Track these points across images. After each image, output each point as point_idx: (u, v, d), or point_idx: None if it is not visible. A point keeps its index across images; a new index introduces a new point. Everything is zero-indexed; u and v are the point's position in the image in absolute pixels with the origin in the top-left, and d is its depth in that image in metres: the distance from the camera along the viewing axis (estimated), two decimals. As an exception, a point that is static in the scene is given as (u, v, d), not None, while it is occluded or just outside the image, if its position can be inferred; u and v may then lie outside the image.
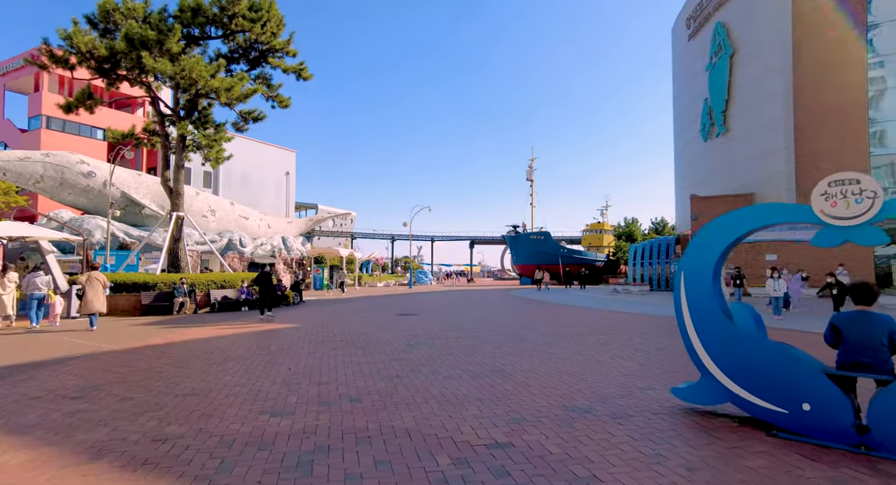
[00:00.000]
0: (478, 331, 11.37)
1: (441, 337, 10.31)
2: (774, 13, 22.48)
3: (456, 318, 14.70)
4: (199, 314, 16.37)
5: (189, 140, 21.04)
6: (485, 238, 75.55)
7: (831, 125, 21.34)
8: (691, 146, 30.45)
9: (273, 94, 21.76)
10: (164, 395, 5.69)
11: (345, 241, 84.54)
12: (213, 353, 8.64)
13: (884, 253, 20.99)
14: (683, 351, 8.73)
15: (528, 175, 60.91)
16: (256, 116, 20.96)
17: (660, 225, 58.93)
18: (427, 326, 12.48)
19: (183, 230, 20.53)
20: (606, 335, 10.56)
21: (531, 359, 7.80)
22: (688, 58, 30.99)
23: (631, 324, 13.00)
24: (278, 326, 12.63)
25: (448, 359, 7.82)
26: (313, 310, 17.91)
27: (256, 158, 43.98)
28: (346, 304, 21.17)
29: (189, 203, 26.74)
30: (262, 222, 35.06)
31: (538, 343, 9.44)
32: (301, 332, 11.49)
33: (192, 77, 16.59)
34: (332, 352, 8.61)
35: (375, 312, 16.93)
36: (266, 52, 21.58)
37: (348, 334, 10.88)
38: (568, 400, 5.33)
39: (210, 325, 13.12)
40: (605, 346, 9.10)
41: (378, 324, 12.96)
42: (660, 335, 10.64)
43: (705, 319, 4.59)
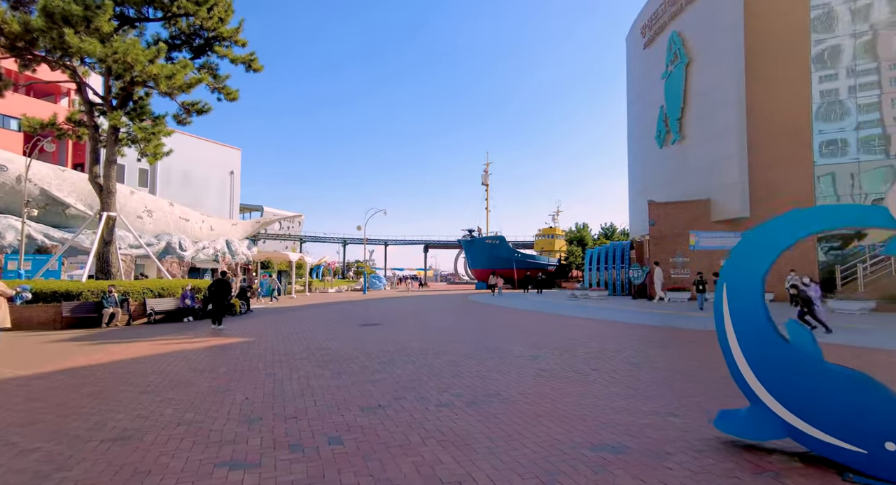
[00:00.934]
0: (452, 344, 10.51)
1: (416, 352, 9.37)
2: (728, 23, 23.15)
3: (423, 328, 13.77)
4: (133, 327, 14.56)
5: (123, 133, 19.01)
6: (439, 242, 74.90)
7: (781, 135, 22.14)
8: (647, 152, 31.04)
9: (219, 86, 20.09)
10: (83, 442, 4.45)
11: (292, 244, 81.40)
12: (150, 377, 7.31)
13: (824, 260, 21.90)
14: (680, 364, 8.29)
15: (483, 179, 60.85)
16: (201, 109, 19.22)
17: (609, 230, 60.37)
18: (395, 338, 11.49)
19: (115, 232, 18.45)
20: (589, 347, 9.97)
21: (523, 378, 7.03)
22: (643, 66, 31.64)
23: (606, 332, 12.56)
24: (227, 341, 11.24)
25: (433, 381, 6.90)
26: (264, 320, 16.44)
27: (198, 155, 41.24)
28: (300, 313, 19.74)
29: (122, 203, 24.33)
30: (205, 224, 32.66)
31: (523, 357, 8.69)
32: (255, 347, 10.20)
33: (127, 61, 14.81)
34: (294, 373, 7.49)
35: (334, 322, 15.71)
36: (212, 40, 19.91)
37: (310, 350, 9.72)
38: (591, 435, 4.56)
39: (146, 339, 11.53)
40: (594, 359, 8.48)
41: (341, 337, 11.83)
42: (643, 345, 10.19)
43: (755, 341, 3.95)
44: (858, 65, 20.97)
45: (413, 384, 6.68)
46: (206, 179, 41.48)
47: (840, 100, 21.09)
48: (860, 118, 20.87)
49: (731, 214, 22.68)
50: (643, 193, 31.84)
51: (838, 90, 21.31)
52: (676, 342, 10.68)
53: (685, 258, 24.17)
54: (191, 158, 39.25)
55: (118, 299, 14.80)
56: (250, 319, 17.08)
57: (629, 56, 35.06)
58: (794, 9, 21.96)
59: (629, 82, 35.34)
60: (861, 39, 20.95)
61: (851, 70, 21.05)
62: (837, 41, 21.15)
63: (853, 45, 21.13)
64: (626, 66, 36.09)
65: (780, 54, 22.21)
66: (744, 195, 22.29)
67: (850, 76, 21.13)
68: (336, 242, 76.32)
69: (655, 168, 29.40)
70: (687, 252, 24.09)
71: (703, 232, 23.88)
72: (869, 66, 20.71)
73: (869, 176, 20.72)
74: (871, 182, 20.61)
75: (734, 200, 22.55)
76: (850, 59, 21.15)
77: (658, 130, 28.55)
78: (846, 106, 21.18)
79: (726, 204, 22.97)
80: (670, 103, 26.88)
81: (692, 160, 25.35)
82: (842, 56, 21.29)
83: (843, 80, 21.33)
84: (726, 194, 22.95)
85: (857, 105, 20.97)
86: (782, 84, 22.05)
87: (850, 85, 21.16)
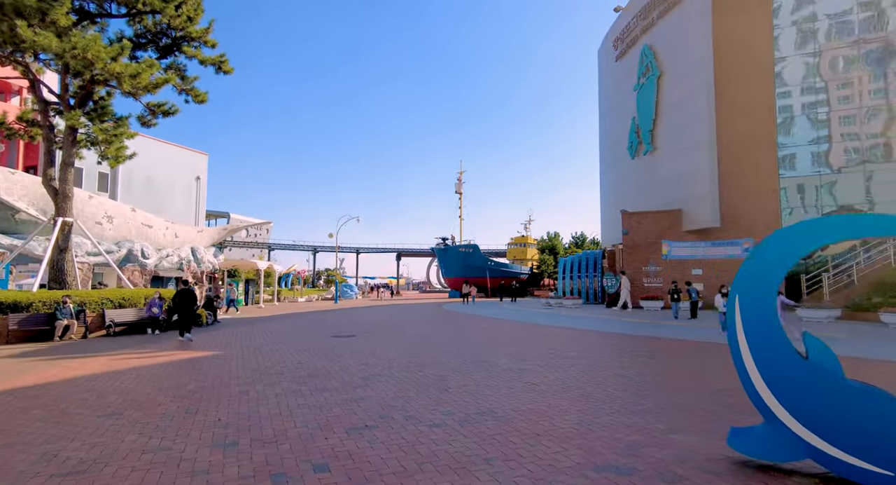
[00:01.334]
0: (435, 356, 10.15)
1: (397, 366, 8.98)
2: (697, 37, 23.78)
3: (401, 339, 13.36)
4: (90, 340, 13.62)
5: (81, 134, 17.99)
6: (412, 250, 74.36)
7: (747, 147, 22.79)
8: (619, 163, 31.53)
9: (187, 88, 19.26)
10: (27, 478, 3.91)
11: (259, 252, 79.39)
12: (109, 397, 6.70)
13: (793, 270, 22.56)
14: (668, 377, 8.15)
15: (456, 188, 60.82)
16: (167, 110, 18.37)
17: (580, 239, 61.22)
18: (373, 350, 11.06)
19: (71, 239, 17.36)
20: (573, 358, 9.79)
21: (514, 393, 6.75)
22: (615, 78, 32.24)
23: (587, 343, 12.44)
24: (194, 355, 10.58)
25: (420, 397, 6.54)
26: (232, 332, 15.69)
27: (163, 159, 39.73)
28: (270, 323, 19.00)
29: (80, 208, 23.04)
30: (169, 231, 31.33)
31: (511, 370, 8.42)
32: (224, 361, 9.60)
33: (87, 57, 13.98)
34: (269, 390, 7.00)
35: (306, 333, 15.12)
36: (180, 40, 19.14)
37: (284, 364, 9.20)
38: (594, 455, 4.31)
39: (105, 354, 10.74)
40: (583, 372, 8.28)
41: (315, 349, 11.31)
42: (628, 357, 10.08)
43: (771, 356, 3.78)
44: (817, 83, 21.85)
45: (400, 402, 6.30)
46: (170, 185, 39.94)
47: (796, 115, 21.94)
48: (819, 133, 21.72)
49: (702, 224, 23.17)
50: (615, 203, 32.30)
51: (792, 106, 22.19)
52: (659, 353, 10.62)
53: (658, 267, 24.52)
54: (155, 163, 37.75)
55: (73, 310, 13.85)
56: (218, 330, 16.29)
57: (601, 69, 35.73)
58: (758, 27, 22.77)
59: (601, 94, 35.98)
60: (814, 59, 21.86)
61: (811, 87, 21.92)
62: (797, 59, 22.03)
63: (808, 63, 22.02)
64: (598, 79, 36.77)
65: (746, 70, 22.95)
66: (714, 206, 22.80)
67: (809, 93, 21.99)
68: (306, 249, 74.86)
69: (628, 178, 29.88)
70: (659, 261, 24.45)
71: (675, 242, 24.30)
72: (832, 82, 21.61)
73: (828, 188, 21.54)
74: (839, 193, 21.41)
75: (705, 210, 23.05)
76: (803, 76, 22.04)
77: (630, 141, 29.06)
78: (804, 121, 22.02)
79: (697, 214, 23.46)
80: (642, 115, 27.42)
81: (663, 171, 25.85)
82: (798, 74, 22.17)
83: (800, 97, 22.20)
84: (697, 205, 23.44)
85: (814, 120, 21.83)
86: (748, 98, 22.77)
87: (808, 101, 22.04)
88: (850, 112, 21.18)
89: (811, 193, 21.91)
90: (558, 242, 60.72)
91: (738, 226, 23.00)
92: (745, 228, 22.90)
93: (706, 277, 23.08)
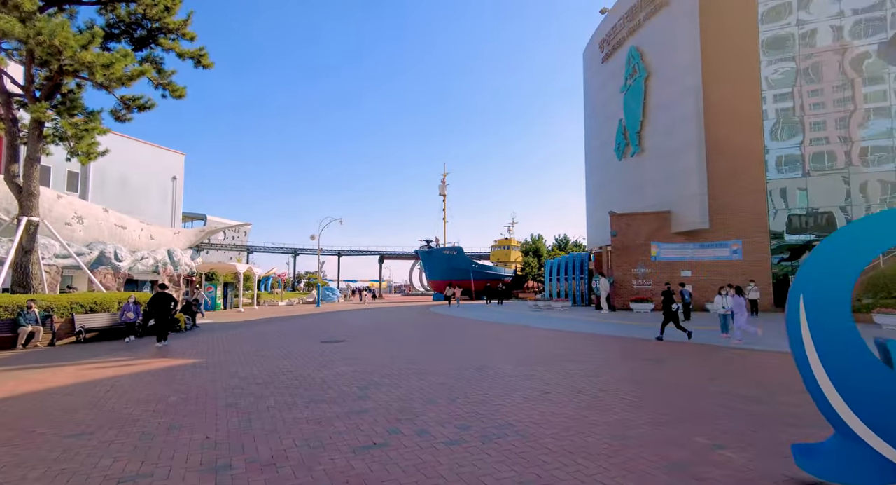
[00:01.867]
0: (433, 362, 9.61)
1: (395, 373, 8.41)
2: (685, 39, 23.80)
3: (394, 344, 12.78)
4: (58, 348, 12.68)
5: (49, 128, 16.97)
6: (395, 253, 73.51)
7: (734, 150, 22.85)
8: (605, 165, 31.44)
9: (164, 82, 18.36)
10: (-13, 518, 3.26)
11: (237, 255, 77.53)
12: (79, 412, 5.99)
13: (776, 271, 22.65)
14: (683, 381, 7.73)
15: (440, 190, 60.27)
16: (143, 104, 17.46)
17: (563, 241, 61.25)
18: (367, 356, 10.46)
19: (37, 240, 16.31)
20: (579, 363, 9.37)
21: (529, 402, 6.26)
22: (601, 79, 32.19)
23: (587, 346, 12.06)
24: (174, 363, 9.82)
25: (429, 409, 6.00)
26: (213, 337, 14.87)
27: (137, 159, 38.32)
28: (252, 328, 18.19)
29: (48, 207, 21.85)
30: (144, 233, 30.09)
31: (517, 377, 7.94)
32: (208, 370, 8.89)
33: (54, 45, 13.07)
34: (261, 403, 6.37)
35: (293, 338, 14.41)
36: (156, 32, 18.26)
37: (273, 373, 8.54)
38: (645, 478, 3.83)
39: (75, 363, 9.90)
40: (594, 378, 7.85)
41: (304, 356, 10.65)
42: (634, 361, 9.70)
43: (846, 364, 3.36)
44: (804, 85, 22.05)
45: (407, 414, 5.75)
46: (145, 185, 38.50)
47: (789, 117, 22.12)
48: (809, 135, 21.90)
49: (691, 225, 23.13)
50: (602, 205, 32.22)
51: (777, 108, 22.37)
52: (665, 357, 10.27)
53: (647, 269, 24.40)
54: (129, 162, 36.36)
55: (39, 316, 12.88)
56: (197, 335, 15.44)
57: (587, 71, 35.70)
58: (745, 28, 22.91)
59: (587, 96, 35.94)
60: (806, 61, 22.07)
61: (798, 91, 22.11)
62: (787, 62, 22.22)
63: (800, 65, 22.22)
64: (583, 81, 36.73)
65: (732, 71, 23.04)
66: (703, 207, 22.77)
67: (798, 96, 22.18)
68: (286, 252, 73.36)
69: (614, 180, 29.79)
70: (649, 263, 24.34)
71: (665, 243, 24.18)
72: (816, 87, 21.81)
73: (811, 190, 21.72)
74: (818, 195, 21.60)
75: (694, 211, 23.01)
76: (794, 81, 22.23)
77: (617, 142, 28.98)
78: (794, 123, 22.19)
79: (686, 215, 23.41)
80: (629, 116, 27.36)
81: (651, 172, 25.79)
82: (790, 76, 22.35)
83: (784, 100, 22.38)
84: (686, 206, 23.39)
85: (805, 123, 22.01)
86: (735, 100, 22.86)
87: (790, 104, 22.23)
88: (837, 115, 21.40)
89: (795, 195, 22.06)
90: (542, 244, 60.61)
91: (726, 227, 23.02)
92: (734, 230, 22.94)
93: (695, 279, 23.02)
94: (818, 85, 21.89)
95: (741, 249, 22.82)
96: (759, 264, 22.37)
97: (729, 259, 23.08)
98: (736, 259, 22.91)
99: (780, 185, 22.57)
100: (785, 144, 22.20)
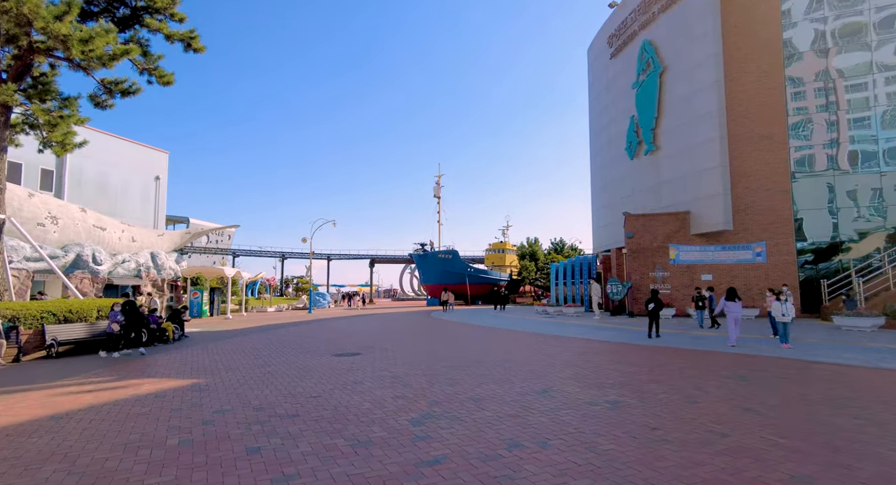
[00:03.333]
0: (478, 382, 8.10)
1: (444, 399, 6.88)
2: (705, 31, 22.75)
3: (418, 358, 11.21)
4: (24, 364, 10.85)
5: (18, 115, 15.12)
6: (386, 256, 71.64)
7: (758, 146, 21.81)
8: (614, 164, 30.25)
9: (150, 67, 16.63)
10: None
11: (222, 259, 74.93)
12: (44, 468, 4.35)
13: (803, 275, 21.59)
14: (806, 412, 5.51)
15: (435, 192, 58.66)
16: (127, 89, 15.69)
17: (559, 245, 60.18)
18: (395, 373, 8.90)
19: (3, 240, 14.42)
20: (659, 383, 7.95)
21: (645, 446, 4.79)
22: (608, 76, 31.05)
23: (644, 360, 10.63)
24: (168, 384, 8.14)
25: (523, 458, 4.48)
26: (208, 349, 13.12)
27: (118, 157, 36.12)
28: (247, 338, 16.43)
29: (18, 206, 19.87)
30: (125, 235, 28.06)
31: (597, 404, 6.47)
32: (211, 394, 7.25)
33: (23, 14, 11.33)
34: (292, 446, 4.80)
35: (298, 351, 12.75)
36: (141, 11, 16.58)
37: (294, 398, 6.95)
38: None
39: (43, 385, 8.16)
40: (690, 403, 6.41)
41: (323, 374, 9.05)
42: (720, 379, 8.30)
43: None
44: (828, 81, 21.12)
45: (497, 467, 4.23)
46: (126, 184, 36.27)
47: (811, 114, 21.16)
48: (830, 134, 20.96)
49: (713, 226, 21.97)
50: (610, 206, 31.05)
51: (805, 104, 21.41)
52: (745, 372, 8.89)
53: (665, 273, 23.17)
54: (109, 160, 34.19)
55: (3, 327, 11.05)
56: (188, 347, 13.68)
57: (592, 68, 34.59)
58: (769, 18, 21.94)
59: (592, 95, 34.80)
60: (827, 57, 21.15)
61: (822, 86, 21.17)
62: (809, 56, 21.28)
63: (823, 60, 21.29)
64: (588, 79, 35.63)
65: (755, 64, 22.03)
66: (726, 207, 21.64)
67: (821, 92, 21.24)
68: (273, 256, 71.04)
69: (625, 180, 28.61)
70: (667, 266, 23.14)
71: (684, 245, 23.04)
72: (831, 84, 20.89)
73: (840, 189, 20.75)
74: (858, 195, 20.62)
75: (716, 212, 21.84)
76: (816, 73, 21.29)
77: (629, 140, 27.81)
78: (817, 120, 21.23)
79: (707, 216, 22.24)
80: (643, 113, 26.21)
81: (667, 171, 24.64)
82: (812, 71, 21.40)
83: (813, 96, 21.41)
84: (707, 206, 22.23)
85: (826, 120, 21.06)
86: (757, 94, 21.84)
87: (820, 100, 21.26)
88: (865, 113, 20.49)
89: (823, 195, 21.07)
90: (538, 248, 59.38)
91: (747, 229, 21.94)
92: (756, 232, 21.88)
93: (716, 283, 21.86)
94: (846, 79, 20.94)
95: (765, 251, 21.75)
96: (784, 268, 21.30)
97: (752, 263, 22.02)
98: (759, 262, 21.87)
99: (806, 182, 21.52)
100: (812, 140, 21.22)
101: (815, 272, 21.38)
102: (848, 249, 20.19)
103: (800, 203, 21.47)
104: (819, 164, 21.12)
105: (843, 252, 20.31)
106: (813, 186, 21.22)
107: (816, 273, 21.25)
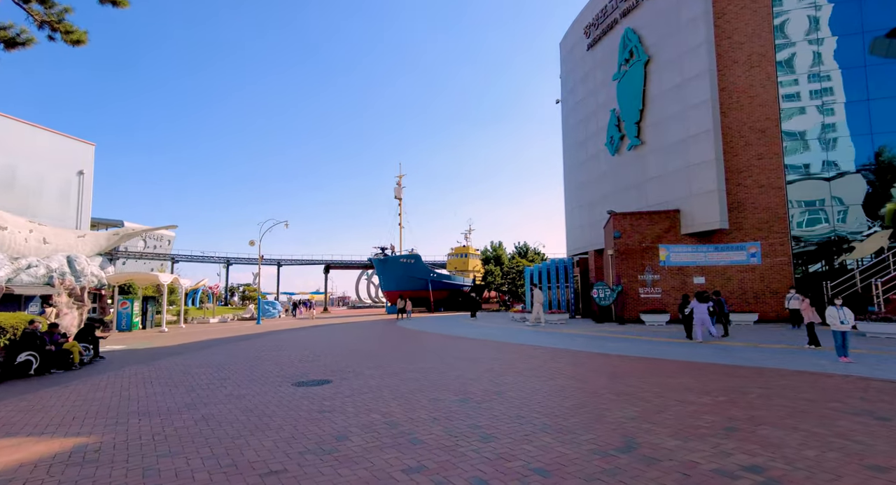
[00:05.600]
0: (502, 423, 5.60)
1: (492, 473, 4.33)
2: (694, 17, 21.45)
3: (409, 388, 8.56)
4: None
5: None
6: (342, 262, 67.88)
7: (750, 140, 20.62)
8: (592, 161, 28.65)
9: (53, 19, 13.18)
10: None
11: (160, 265, 68.80)
12: None
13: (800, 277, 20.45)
14: None
15: (396, 193, 55.60)
16: (13, 38, 12.20)
17: (523, 249, 58.69)
18: (395, 420, 6.26)
19: None
20: (713, 414, 5.73)
21: None
22: (585, 69, 29.51)
23: (674, 380, 8.47)
24: (31, 451, 5.11)
25: None
26: (123, 377, 9.91)
27: (31, 147, 31.28)
28: (182, 358, 13.17)
29: None
30: (33, 235, 23.73)
31: (662, 461, 4.11)
32: (98, 472, 4.34)
33: None
34: None
35: (246, 376, 9.79)
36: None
37: (236, 480, 4.18)
38: None
39: None
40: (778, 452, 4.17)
41: (282, 420, 6.26)
42: (838, 415, 6.18)
43: None
44: (822, 71, 20.20)
45: None
46: (40, 180, 31.41)
47: (804, 106, 20.16)
48: (826, 125, 20.00)
49: (707, 225, 20.50)
50: (586, 206, 29.45)
51: (799, 94, 20.42)
52: (858, 402, 6.86)
53: (655, 275, 21.51)
54: (18, 150, 29.38)
55: None
56: (98, 374, 10.41)
57: (565, 62, 33.01)
58: (760, 5, 20.86)
59: (565, 90, 33.20)
60: (820, 46, 20.26)
61: (817, 74, 20.23)
62: (800, 46, 20.31)
63: (813, 50, 20.39)
64: (560, 74, 34.08)
65: (746, 52, 20.89)
66: (722, 205, 20.22)
67: (814, 80, 20.30)
68: (217, 262, 65.80)
69: (605, 178, 27.01)
70: (657, 268, 21.51)
71: (674, 246, 21.55)
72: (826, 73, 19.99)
73: (839, 184, 19.78)
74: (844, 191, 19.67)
75: (710, 210, 20.38)
76: (809, 64, 20.36)
77: (609, 135, 26.24)
78: (811, 112, 20.26)
79: (700, 215, 20.77)
80: (625, 106, 24.68)
81: (653, 167, 23.14)
82: (804, 61, 20.45)
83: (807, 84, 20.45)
84: (700, 204, 20.77)
85: (821, 111, 20.12)
86: (750, 85, 20.69)
87: (812, 89, 20.31)
88: (860, 103, 19.63)
89: (819, 191, 20.04)
90: (503, 252, 57.66)
91: (741, 228, 20.65)
92: (749, 231, 20.62)
93: (708, 286, 20.39)
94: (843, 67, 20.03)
95: (759, 251, 20.55)
96: (779, 269, 20.10)
97: (747, 264, 20.75)
98: (754, 263, 20.62)
99: (800, 180, 20.45)
100: (806, 135, 20.18)
101: (809, 273, 20.28)
102: (851, 249, 19.14)
103: (795, 200, 20.35)
104: (814, 159, 20.10)
105: (847, 252, 19.25)
106: (808, 182, 20.17)
107: (821, 275, 19.98)
